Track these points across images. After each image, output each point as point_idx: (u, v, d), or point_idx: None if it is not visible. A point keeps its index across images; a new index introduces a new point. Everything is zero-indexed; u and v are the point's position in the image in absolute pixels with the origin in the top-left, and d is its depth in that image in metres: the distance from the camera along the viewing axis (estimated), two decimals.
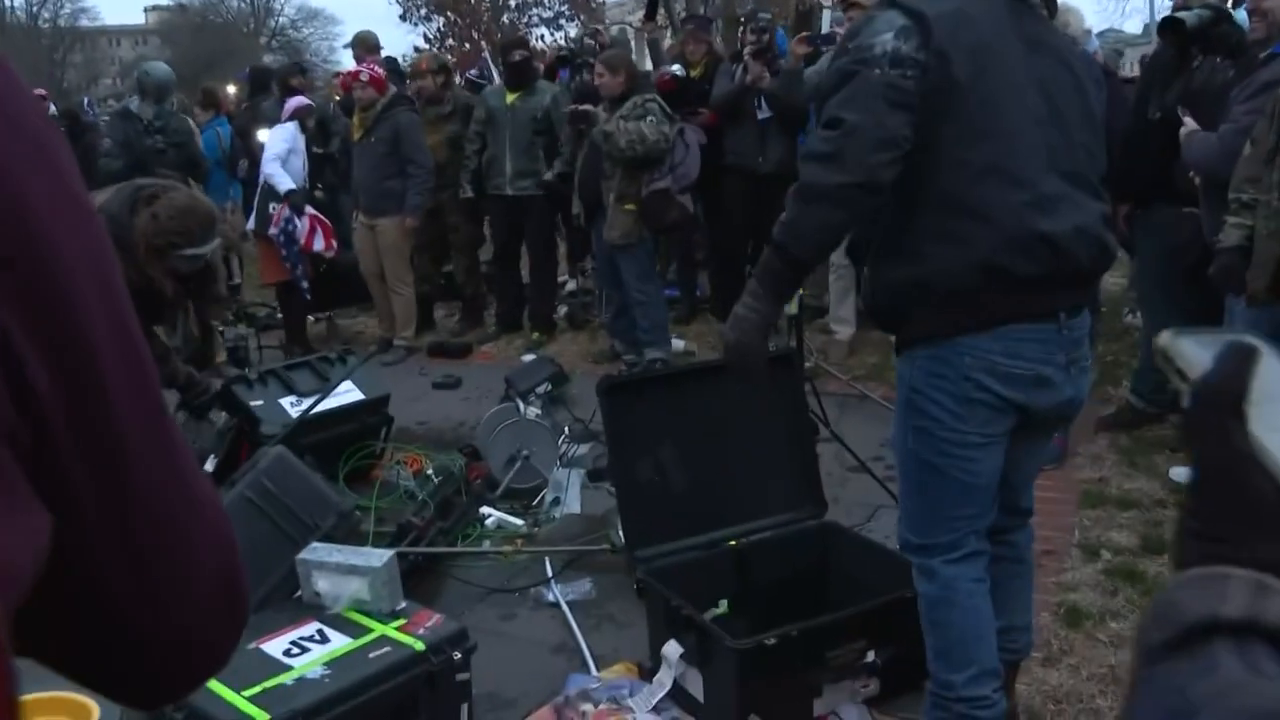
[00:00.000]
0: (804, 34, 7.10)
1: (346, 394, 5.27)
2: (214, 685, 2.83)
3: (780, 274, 2.68)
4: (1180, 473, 4.77)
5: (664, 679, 3.28)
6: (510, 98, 7.93)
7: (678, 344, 7.53)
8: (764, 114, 7.15)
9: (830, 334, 7.29)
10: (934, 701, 2.79)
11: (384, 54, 9.17)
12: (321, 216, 7.94)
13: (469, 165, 8.10)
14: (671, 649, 3.24)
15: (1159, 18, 5.97)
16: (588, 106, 6.88)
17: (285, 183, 7.80)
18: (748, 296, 2.71)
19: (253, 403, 5.03)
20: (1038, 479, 3.07)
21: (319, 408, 5.03)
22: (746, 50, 7.20)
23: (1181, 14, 4.63)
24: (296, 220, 7.76)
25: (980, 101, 2.48)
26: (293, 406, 5.11)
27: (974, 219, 2.49)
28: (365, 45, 9.36)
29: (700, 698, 3.20)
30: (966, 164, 2.50)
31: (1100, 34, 13.02)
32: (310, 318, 8.54)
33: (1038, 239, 2.48)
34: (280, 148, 8.00)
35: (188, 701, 2.78)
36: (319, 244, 7.87)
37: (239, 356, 7.67)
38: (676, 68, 7.70)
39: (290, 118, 8.22)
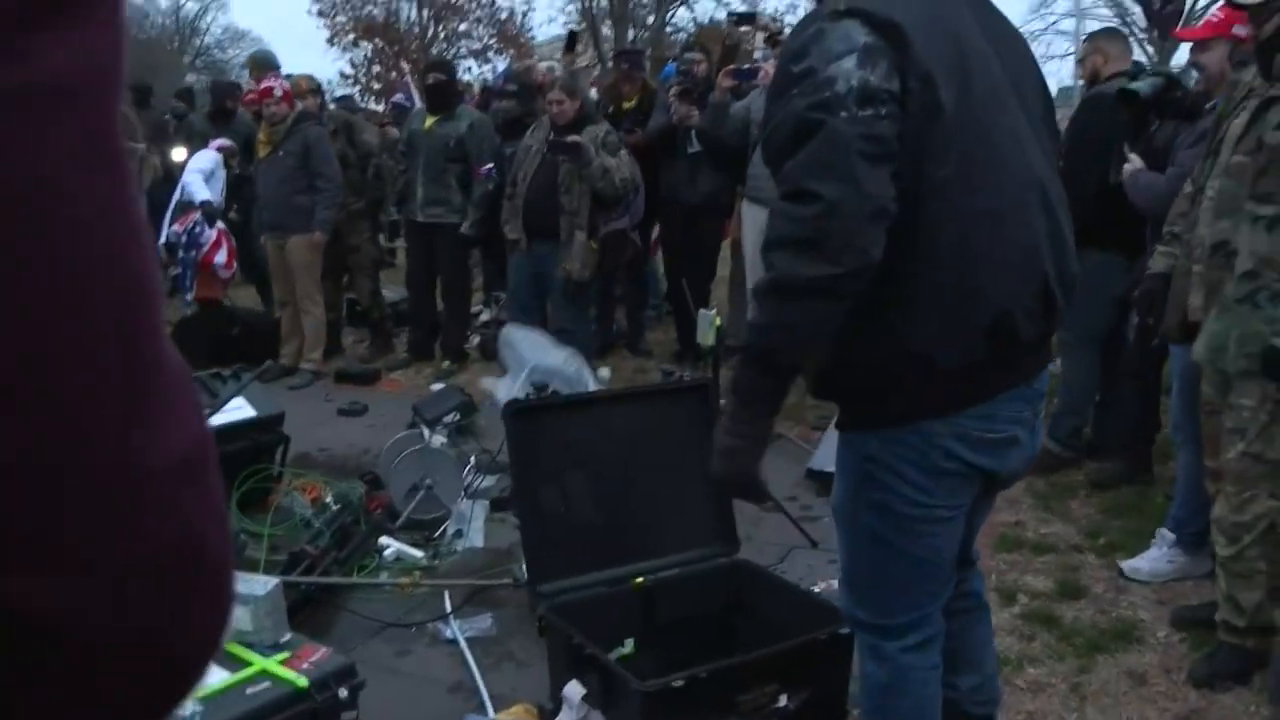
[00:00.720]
0: (730, 68, 7.04)
1: (237, 411, 5.01)
2: None
3: (764, 388, 2.16)
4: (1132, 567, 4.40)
5: None
6: (428, 122, 7.77)
7: (604, 373, 7.40)
8: (694, 148, 7.24)
9: None
10: None
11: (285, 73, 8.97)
12: (230, 236, 7.82)
13: (394, 186, 7.99)
14: (573, 690, 3.06)
15: (1081, 84, 6.06)
16: (578, 138, 6.58)
17: (202, 192, 7.84)
18: (729, 421, 2.21)
19: None
20: None
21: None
22: (672, 91, 7.26)
23: (1135, 85, 4.72)
24: (206, 228, 7.66)
25: (971, 128, 2.09)
26: None
27: (979, 273, 2.10)
28: (264, 65, 9.15)
29: None
30: (962, 209, 2.09)
31: None
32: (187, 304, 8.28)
33: (1041, 291, 2.17)
34: (205, 165, 8.07)
35: None
36: (220, 258, 7.75)
37: None
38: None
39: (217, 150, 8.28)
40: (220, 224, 7.83)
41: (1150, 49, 25.49)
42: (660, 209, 7.51)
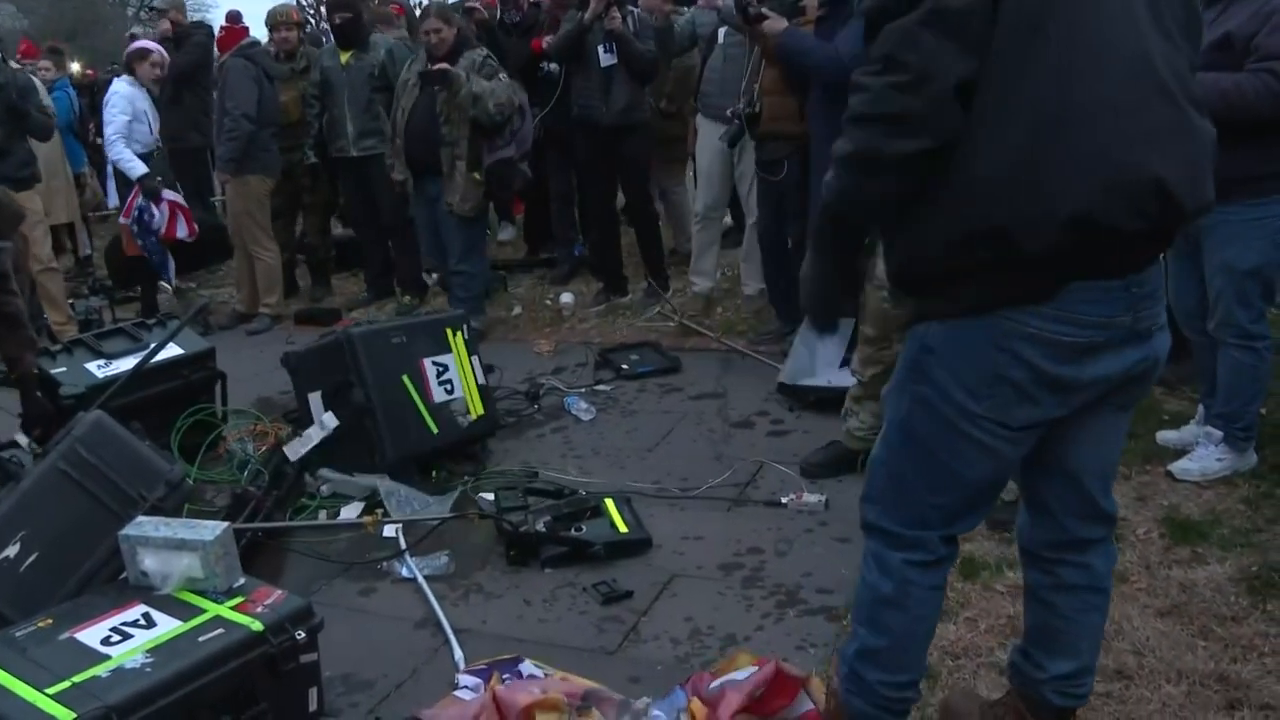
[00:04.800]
0: None
1: (164, 351, 4.82)
2: (11, 682, 2.49)
3: (834, 238, 2.24)
4: (1167, 437, 4.40)
5: None
6: (344, 56, 7.58)
7: (566, 298, 7.32)
8: (608, 60, 6.61)
9: (689, 285, 6.97)
10: (847, 687, 2.42)
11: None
12: (179, 200, 7.46)
13: (311, 129, 7.77)
14: None
15: None
16: (446, 66, 6.33)
17: (137, 168, 7.35)
18: (807, 257, 2.31)
19: (54, 371, 4.62)
20: None
21: (125, 367, 4.66)
22: None
23: None
24: (154, 209, 7.35)
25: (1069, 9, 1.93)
26: (100, 370, 4.72)
27: (1065, 156, 1.91)
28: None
29: None
30: (1045, 94, 1.93)
31: None
32: (169, 285, 8.14)
33: (1147, 192, 1.92)
34: (120, 121, 7.44)
35: None
36: (181, 231, 7.49)
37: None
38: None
39: (127, 68, 7.79)
40: (167, 194, 7.40)
41: None
42: (572, 128, 6.99)
